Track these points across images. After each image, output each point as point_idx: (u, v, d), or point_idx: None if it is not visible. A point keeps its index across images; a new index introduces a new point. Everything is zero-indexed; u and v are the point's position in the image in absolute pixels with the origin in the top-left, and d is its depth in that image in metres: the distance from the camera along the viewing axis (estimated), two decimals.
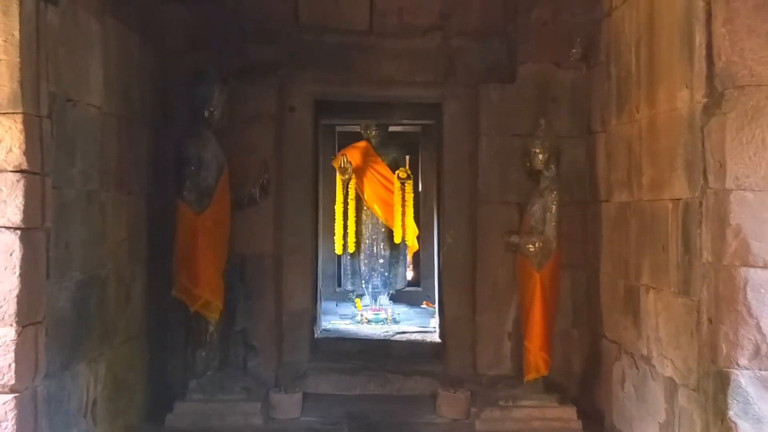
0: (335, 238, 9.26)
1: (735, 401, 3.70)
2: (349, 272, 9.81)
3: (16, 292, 3.66)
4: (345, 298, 10.42)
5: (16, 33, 3.70)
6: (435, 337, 7.98)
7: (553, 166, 5.61)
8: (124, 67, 5.09)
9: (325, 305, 10.97)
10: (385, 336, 8.11)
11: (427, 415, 5.67)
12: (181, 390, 5.43)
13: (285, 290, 6.33)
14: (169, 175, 5.54)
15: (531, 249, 5.43)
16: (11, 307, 3.66)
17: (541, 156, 5.57)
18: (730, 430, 3.70)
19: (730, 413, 3.70)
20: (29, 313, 3.75)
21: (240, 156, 5.94)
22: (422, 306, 10.46)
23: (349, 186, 9.05)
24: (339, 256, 10.04)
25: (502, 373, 6.03)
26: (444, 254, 6.54)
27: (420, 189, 11.15)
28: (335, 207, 9.19)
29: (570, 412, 5.40)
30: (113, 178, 4.83)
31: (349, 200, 9.19)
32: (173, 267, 5.34)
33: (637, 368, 4.92)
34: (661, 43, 4.58)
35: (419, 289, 11.50)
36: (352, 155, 8.89)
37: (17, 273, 3.66)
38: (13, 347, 3.65)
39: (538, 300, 5.38)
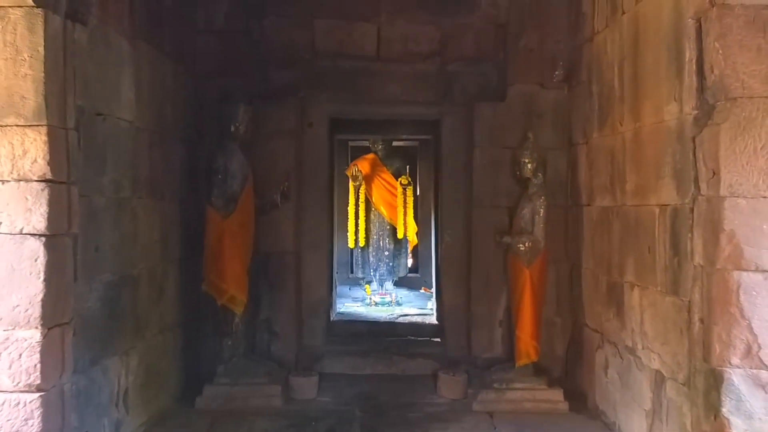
0: (348, 234, 8.84)
1: (728, 398, 2.99)
2: (360, 262, 9.28)
3: (41, 296, 2.95)
4: (357, 283, 9.91)
5: (41, 49, 2.98)
6: (433, 320, 7.29)
7: (540, 174, 4.88)
8: (157, 87, 4.37)
9: (340, 289, 10.39)
10: (390, 318, 7.40)
11: (429, 395, 4.92)
12: (210, 374, 4.70)
13: (304, 283, 5.60)
14: (201, 184, 4.82)
15: (521, 248, 4.70)
16: (36, 311, 2.95)
17: (529, 165, 4.83)
18: (723, 425, 2.99)
19: (723, 410, 2.99)
20: (55, 315, 3.04)
21: (264, 166, 5.22)
22: (421, 291, 9.85)
23: (360, 191, 8.60)
24: (351, 249, 9.45)
25: (495, 356, 5.29)
26: (442, 251, 5.79)
27: (418, 193, 10.52)
28: (348, 208, 8.76)
29: (557, 394, 4.66)
30: (145, 186, 4.11)
31: (359, 203, 8.72)
32: (203, 265, 4.62)
33: (621, 357, 4.19)
34: (646, 62, 3.85)
35: (417, 275, 10.95)
36: (362, 165, 8.49)
37: (42, 278, 2.96)
38: (38, 348, 2.96)
39: (528, 293, 4.65)
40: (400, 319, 7.37)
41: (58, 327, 3.07)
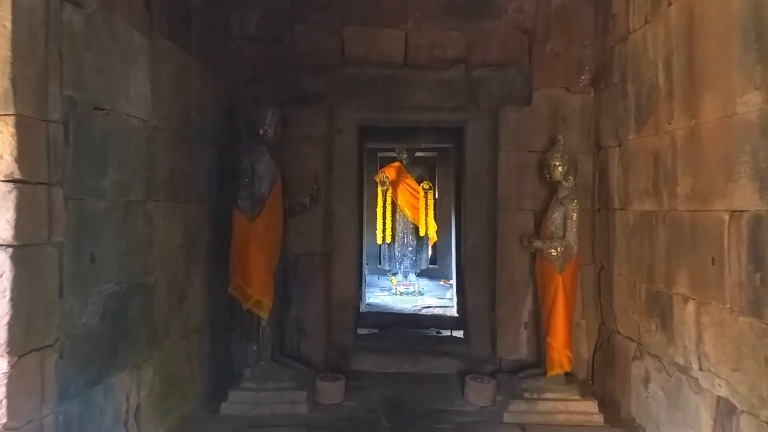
0: (377, 231, 8.02)
1: None
2: (386, 256, 8.43)
3: (6, 319, 1.89)
4: (383, 273, 8.93)
5: (8, 24, 1.92)
6: (453, 312, 6.18)
7: (571, 177, 3.71)
8: (181, 87, 3.31)
9: (369, 278, 9.42)
10: (414, 310, 6.29)
11: (457, 400, 3.77)
12: (237, 378, 3.65)
13: (333, 282, 4.51)
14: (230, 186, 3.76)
15: (553, 253, 3.54)
16: (1, 337, 1.91)
17: (560, 168, 3.67)
18: None
19: None
20: (28, 339, 1.98)
21: (294, 170, 4.15)
22: (440, 282, 8.79)
23: (387, 195, 7.79)
24: (379, 245, 8.45)
25: (520, 358, 4.14)
26: (466, 252, 4.64)
27: (437, 196, 9.43)
28: (377, 210, 7.94)
29: (592, 406, 3.48)
30: (164, 189, 3.04)
31: (387, 205, 7.89)
32: (230, 267, 3.57)
33: (668, 374, 3.02)
34: (706, 51, 2.66)
35: (436, 266, 9.94)
36: (389, 172, 7.62)
37: (7, 297, 1.90)
38: (5, 381, 1.90)
39: (561, 300, 3.49)
40: (423, 311, 6.26)
41: (36, 352, 2.02)
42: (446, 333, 5.60)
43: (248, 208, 3.52)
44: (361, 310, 6.07)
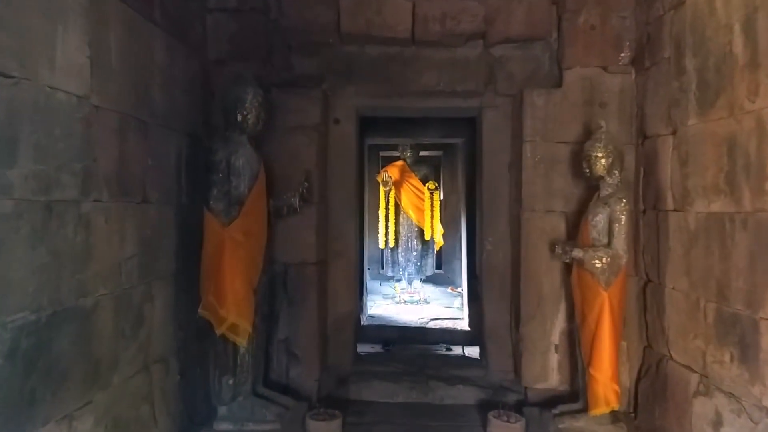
0: (379, 235, 7.32)
1: None
2: (390, 262, 7.68)
3: None
4: (386, 279, 8.29)
5: None
6: (464, 325, 5.53)
7: (616, 172, 3.06)
8: (138, 61, 2.66)
9: (371, 285, 8.79)
10: (421, 323, 5.63)
11: None
12: (211, 417, 3.00)
13: (330, 296, 3.86)
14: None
15: (597, 265, 2.88)
16: None
17: (603, 161, 3.01)
18: None
19: None
20: None
21: (283, 165, 3.52)
22: (447, 290, 8.15)
23: (390, 195, 7.10)
24: (382, 250, 7.79)
25: (550, 387, 3.49)
26: (484, 260, 3.97)
27: (442, 197, 8.79)
28: (379, 212, 7.27)
29: None
30: (109, 185, 2.38)
31: (389, 206, 7.19)
32: (199, 282, 2.91)
33: (751, 420, 2.36)
34: None
35: (441, 272, 9.33)
36: (392, 171, 6.98)
37: None
38: None
39: (607, 323, 2.83)
40: (431, 324, 5.61)
41: None
42: (457, 350, 4.95)
43: (223, 209, 2.88)
44: (362, 323, 5.42)
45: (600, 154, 3.00)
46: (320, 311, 3.67)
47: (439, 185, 8.55)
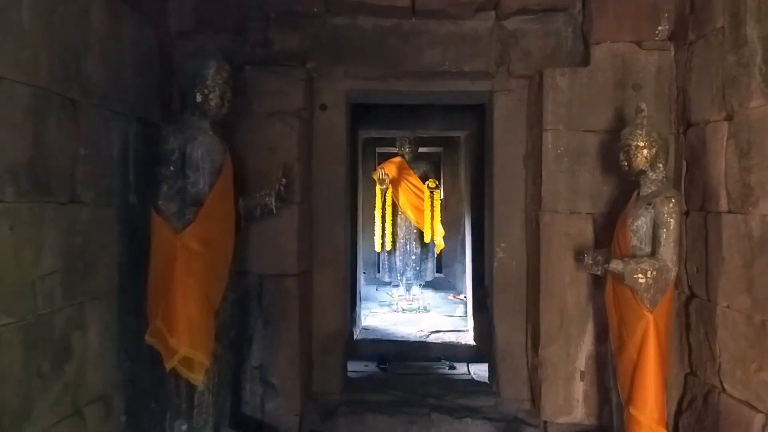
0: (375, 238, 6.67)
1: None
2: (386, 266, 7.04)
3: None
4: (383, 284, 7.67)
5: None
6: (468, 338, 4.97)
7: (660, 165, 2.50)
8: (66, 27, 2.09)
9: (366, 290, 8.23)
10: (421, 337, 5.07)
11: None
12: None
13: (315, 311, 3.31)
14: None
15: (641, 280, 2.30)
16: None
17: (645, 152, 2.44)
18: None
19: None
20: None
21: (258, 157, 2.97)
22: (449, 297, 7.51)
23: (387, 194, 6.47)
24: (378, 253, 7.21)
25: (574, 421, 2.93)
26: (495, 269, 3.39)
27: (442, 197, 8.23)
28: (375, 212, 6.60)
29: None
30: (17, 180, 1.81)
31: (386, 206, 6.56)
32: (145, 303, 2.34)
33: None
34: None
35: (441, 275, 8.65)
36: (389, 168, 6.30)
37: None
38: None
39: (653, 352, 2.27)
40: (432, 337, 5.05)
41: None
42: (462, 368, 4.40)
43: (175, 212, 2.31)
44: (354, 337, 4.87)
45: (641, 144, 2.45)
46: (303, 331, 3.11)
47: (439, 183, 8.03)
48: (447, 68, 3.21)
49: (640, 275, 2.31)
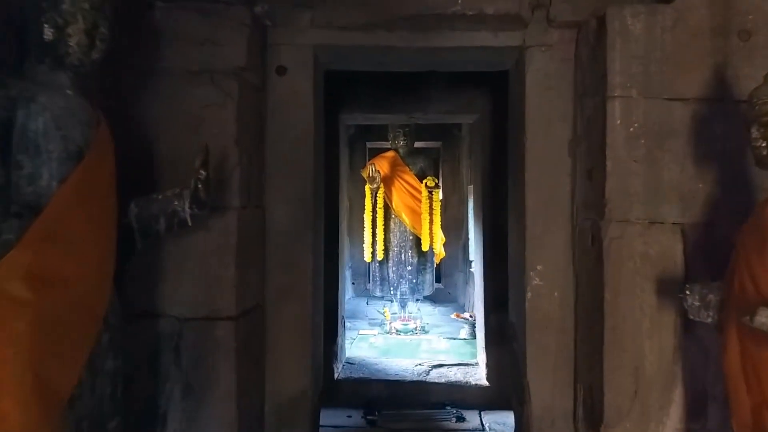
0: (364, 246, 5.67)
1: None
2: (377, 279, 5.96)
3: None
4: (375, 297, 6.55)
5: None
6: (478, 375, 3.95)
7: None
8: None
9: (356, 304, 7.30)
10: (419, 374, 4.01)
11: None
12: None
13: (269, 365, 2.27)
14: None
15: None
16: None
17: None
18: None
19: None
20: None
21: (170, 138, 1.94)
22: (447, 306, 6.71)
23: (378, 195, 5.46)
24: (368, 263, 6.20)
25: None
26: (528, 302, 2.34)
27: (441, 198, 7.23)
28: (364, 216, 5.61)
29: None
30: None
31: (377, 209, 5.53)
32: None
33: None
34: None
35: (440, 285, 7.60)
36: (381, 164, 5.41)
37: None
38: None
39: None
40: (433, 374, 4.01)
41: None
42: (472, 418, 3.43)
43: None
44: (335, 375, 3.84)
45: None
46: (245, 400, 2.07)
47: (438, 182, 7.03)
48: (460, 9, 2.18)
49: None
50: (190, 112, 1.97)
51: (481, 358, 4.01)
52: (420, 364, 4.20)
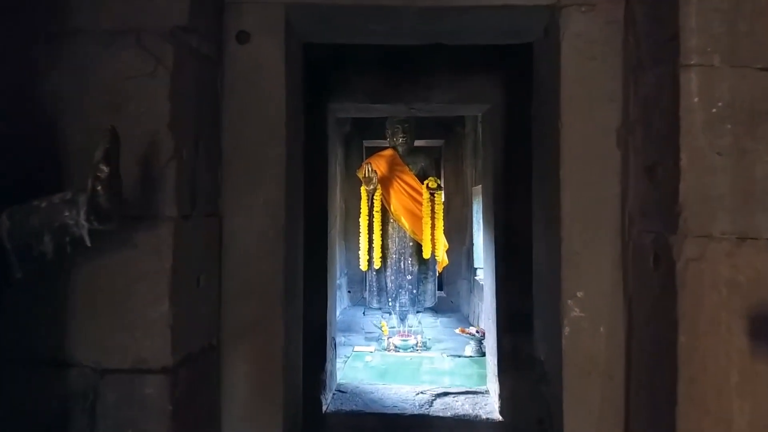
0: (360, 253, 5.13)
1: None
2: (374, 289, 5.41)
3: None
4: (372, 308, 5.83)
5: None
6: (490, 406, 3.40)
7: None
8: None
9: (351, 314, 6.79)
10: (421, 404, 3.45)
11: None
12: None
13: (226, 420, 1.75)
14: None
15: None
16: None
17: None
18: None
19: None
20: None
21: (83, 120, 1.41)
22: (450, 317, 6.19)
23: (375, 197, 4.93)
24: (364, 272, 5.61)
25: None
26: (565, 338, 1.82)
27: (444, 200, 6.70)
28: (360, 220, 5.05)
29: None
30: None
31: (374, 212, 4.99)
32: None
33: None
34: None
35: (442, 293, 7.19)
36: (378, 164, 4.91)
37: None
38: None
39: None
40: (437, 405, 3.46)
41: None
42: None
43: None
44: (323, 407, 3.29)
45: None
46: None
47: (441, 183, 6.49)
48: None
49: None
50: (108, 86, 1.43)
51: (493, 387, 3.46)
52: (422, 393, 3.64)
